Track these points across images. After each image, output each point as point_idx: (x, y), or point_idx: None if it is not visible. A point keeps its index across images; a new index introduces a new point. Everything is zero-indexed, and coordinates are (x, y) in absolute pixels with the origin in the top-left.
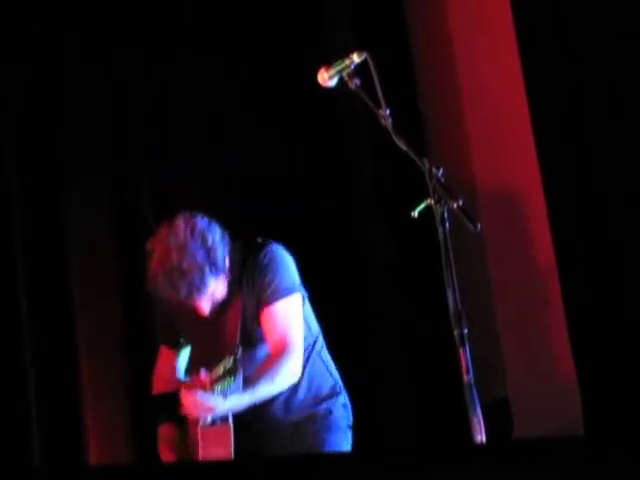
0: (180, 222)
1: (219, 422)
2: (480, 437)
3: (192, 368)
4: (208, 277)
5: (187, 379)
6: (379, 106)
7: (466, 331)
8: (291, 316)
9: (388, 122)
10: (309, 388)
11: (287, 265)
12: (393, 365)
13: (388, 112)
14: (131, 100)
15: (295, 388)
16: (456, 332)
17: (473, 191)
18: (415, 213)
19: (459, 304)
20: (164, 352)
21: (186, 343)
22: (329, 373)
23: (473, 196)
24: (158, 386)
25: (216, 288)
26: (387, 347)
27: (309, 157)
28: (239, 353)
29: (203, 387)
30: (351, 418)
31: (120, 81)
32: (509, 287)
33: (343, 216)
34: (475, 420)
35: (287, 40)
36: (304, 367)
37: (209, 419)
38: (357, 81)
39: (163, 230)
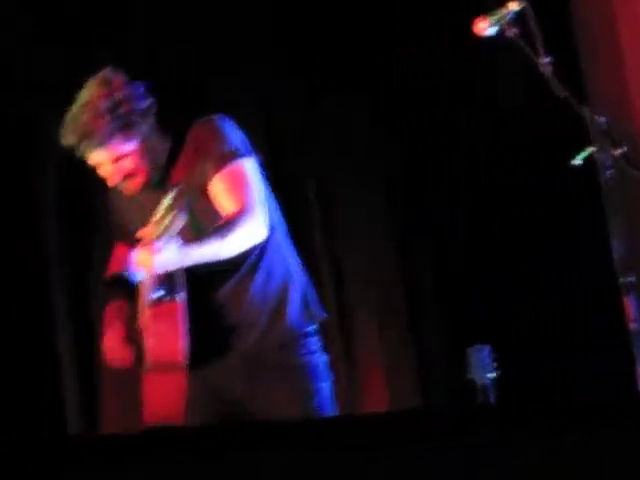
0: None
1: (167, 298)
2: None
3: None
4: (106, 129)
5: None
6: (538, 55)
7: (633, 279)
8: (245, 178)
9: (548, 70)
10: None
11: (231, 130)
12: (554, 312)
13: (548, 60)
14: None
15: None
16: (621, 280)
17: (635, 139)
18: (577, 161)
19: (625, 252)
20: (118, 248)
21: None
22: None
23: (635, 144)
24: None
25: (128, 154)
26: (551, 296)
27: (461, 109)
28: (179, 190)
29: (145, 239)
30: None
31: None
32: None
33: (497, 163)
34: None
35: None
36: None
37: (156, 294)
38: (515, 30)
39: None
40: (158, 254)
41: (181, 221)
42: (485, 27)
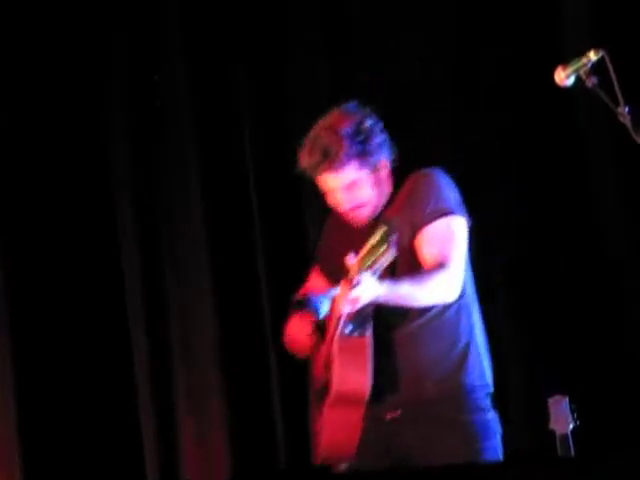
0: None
1: (356, 334)
2: None
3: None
4: (345, 152)
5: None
6: (618, 104)
7: None
8: (452, 235)
9: (627, 120)
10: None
11: (447, 187)
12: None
13: (627, 109)
14: None
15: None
16: None
17: None
18: None
19: None
20: (314, 274)
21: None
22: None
23: None
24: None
25: (360, 183)
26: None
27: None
28: (391, 226)
29: (351, 273)
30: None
31: None
32: None
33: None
34: None
35: (523, 39)
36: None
37: (347, 328)
38: (594, 79)
39: None
40: (358, 288)
41: (390, 257)
42: (564, 77)
